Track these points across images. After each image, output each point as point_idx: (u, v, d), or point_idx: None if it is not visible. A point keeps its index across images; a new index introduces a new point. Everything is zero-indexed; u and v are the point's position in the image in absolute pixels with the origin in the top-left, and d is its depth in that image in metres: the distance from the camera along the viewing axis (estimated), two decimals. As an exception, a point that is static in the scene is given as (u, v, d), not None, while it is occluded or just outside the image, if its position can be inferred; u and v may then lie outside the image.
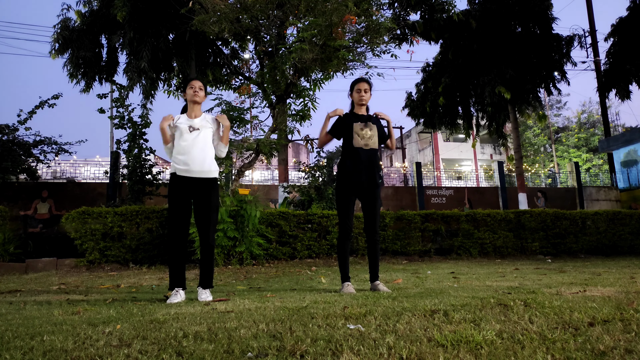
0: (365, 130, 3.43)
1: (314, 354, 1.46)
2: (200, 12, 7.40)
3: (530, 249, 8.24)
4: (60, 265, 6.43)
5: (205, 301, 2.99)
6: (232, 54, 10.17)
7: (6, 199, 10.56)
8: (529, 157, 30.48)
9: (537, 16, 13.01)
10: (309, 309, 2.29)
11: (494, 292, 2.85)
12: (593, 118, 31.58)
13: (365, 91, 3.51)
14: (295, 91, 8.05)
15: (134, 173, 9.01)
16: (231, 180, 7.69)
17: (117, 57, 10.64)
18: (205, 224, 3.23)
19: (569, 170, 17.91)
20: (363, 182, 3.39)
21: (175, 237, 3.17)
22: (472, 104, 14.73)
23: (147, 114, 9.42)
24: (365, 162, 3.39)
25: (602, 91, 16.67)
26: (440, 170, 23.38)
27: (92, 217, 6.41)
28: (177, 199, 3.21)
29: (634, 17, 14.27)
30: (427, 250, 7.90)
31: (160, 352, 1.52)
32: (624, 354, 1.40)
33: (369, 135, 3.42)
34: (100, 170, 13.77)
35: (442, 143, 30.99)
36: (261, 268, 6.14)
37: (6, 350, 1.58)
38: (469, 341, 1.55)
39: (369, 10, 7.28)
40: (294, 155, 34.84)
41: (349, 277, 3.44)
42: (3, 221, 6.83)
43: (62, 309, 2.63)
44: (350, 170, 3.40)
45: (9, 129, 10.77)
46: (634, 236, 8.83)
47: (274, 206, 10.73)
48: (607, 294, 2.57)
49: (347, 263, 3.45)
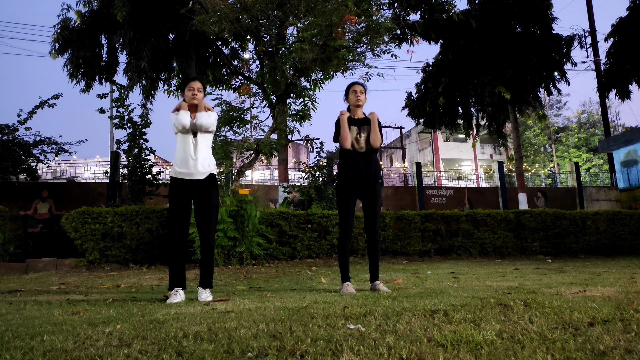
0: (360, 134, 3.47)
1: (314, 354, 1.46)
2: (200, 12, 7.40)
3: (530, 249, 8.24)
4: (60, 265, 6.43)
5: (205, 301, 2.99)
6: (232, 54, 10.17)
7: (6, 199, 10.56)
8: (529, 157, 30.49)
9: (537, 16, 13.01)
10: (309, 309, 2.29)
11: (494, 292, 2.85)
12: (593, 118, 31.59)
13: (360, 92, 3.54)
14: (295, 91, 8.05)
15: (134, 173, 9.01)
16: (231, 180, 7.69)
17: (117, 57, 10.64)
18: (206, 224, 3.23)
19: (569, 170, 17.91)
20: (363, 180, 3.41)
21: (176, 237, 3.18)
22: (472, 104, 14.73)
23: (147, 114, 9.42)
24: (364, 164, 3.43)
25: (602, 91, 16.68)
26: (440, 170, 23.39)
27: (92, 217, 6.41)
28: (178, 199, 3.21)
29: (634, 17, 14.27)
30: (427, 250, 7.90)
31: (160, 352, 1.52)
32: (624, 354, 1.40)
33: (362, 138, 3.46)
34: (100, 170, 13.77)
35: (442, 143, 30.98)
36: (261, 268, 6.14)
37: (6, 350, 1.58)
38: (469, 341, 1.55)
39: (369, 10, 7.28)
40: (294, 155, 34.84)
41: (349, 277, 3.45)
42: (3, 221, 6.83)
43: (62, 309, 2.63)
44: (350, 171, 3.43)
45: (9, 129, 10.78)
46: (634, 236, 8.83)
47: (274, 206, 10.73)
48: (607, 294, 2.57)
49: (348, 263, 3.46)
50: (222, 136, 7.44)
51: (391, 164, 34.02)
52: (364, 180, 3.42)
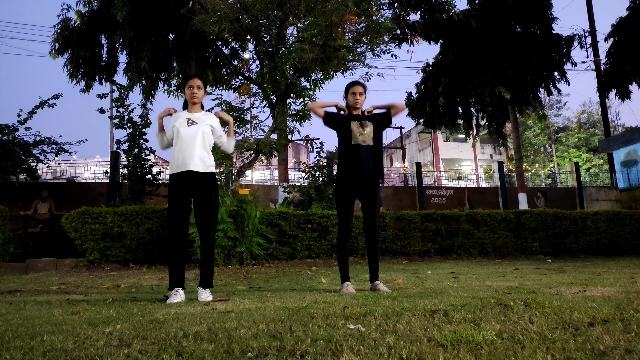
0: (362, 128, 3.45)
1: (314, 354, 1.46)
2: (200, 12, 7.40)
3: (530, 249, 8.24)
4: (60, 265, 6.44)
5: (205, 301, 2.98)
6: (232, 54, 10.17)
7: (6, 199, 10.55)
8: (529, 157, 30.48)
9: (537, 16, 13.00)
10: (309, 309, 2.29)
11: (494, 292, 2.85)
12: (593, 118, 31.59)
13: (360, 94, 3.52)
14: (295, 91, 8.06)
15: (134, 173, 9.01)
16: (231, 180, 7.69)
17: (117, 57, 10.64)
18: (205, 224, 3.21)
19: (569, 170, 17.90)
20: (363, 179, 3.39)
21: (175, 237, 3.16)
22: (472, 104, 14.72)
23: (147, 114, 9.43)
24: (365, 158, 3.40)
25: (602, 91, 16.67)
26: (440, 170, 23.38)
27: (92, 217, 6.41)
28: (177, 198, 3.19)
29: (634, 17, 14.27)
30: (427, 250, 7.90)
31: (160, 352, 1.52)
32: (624, 354, 1.40)
33: (366, 132, 3.45)
34: (100, 170, 13.77)
35: (442, 143, 30.97)
36: (261, 268, 6.14)
37: (6, 350, 1.58)
38: (469, 341, 1.55)
39: (369, 10, 7.29)
40: (294, 155, 34.82)
41: (349, 277, 3.44)
42: (3, 221, 6.83)
43: (62, 309, 2.63)
44: (350, 168, 3.40)
45: (9, 129, 10.77)
46: (634, 236, 8.83)
47: (274, 206, 10.73)
48: (607, 294, 2.57)
49: (347, 263, 3.45)
50: (222, 136, 7.44)
51: (391, 164, 34.01)
52: (364, 176, 3.39)
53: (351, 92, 3.54)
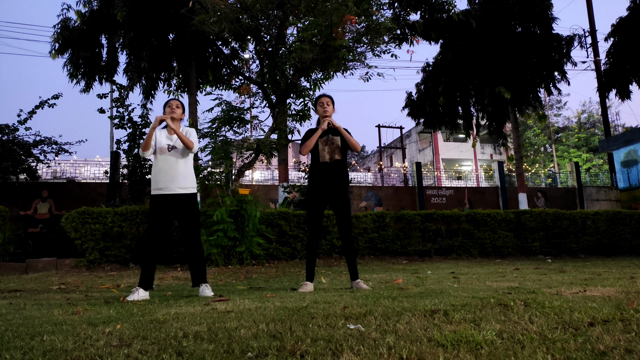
0: (328, 146, 3.65)
1: (314, 354, 1.46)
2: (200, 12, 7.40)
3: (530, 249, 8.24)
4: (60, 265, 6.44)
5: (208, 295, 3.22)
6: (232, 54, 10.17)
7: (6, 199, 10.55)
8: (529, 157, 30.47)
9: (537, 16, 13.00)
10: (309, 309, 2.29)
11: (494, 292, 2.84)
12: (593, 118, 31.57)
13: (327, 104, 3.72)
14: (295, 91, 8.06)
15: (134, 173, 9.01)
16: (231, 180, 7.69)
17: (117, 57, 10.64)
18: (191, 232, 3.46)
19: (569, 170, 17.89)
20: (331, 192, 3.59)
21: (153, 246, 3.36)
22: (472, 104, 14.73)
23: (147, 114, 9.43)
24: (332, 175, 3.61)
25: (602, 91, 16.67)
26: (440, 170, 23.38)
27: (92, 217, 6.41)
28: (158, 217, 3.38)
29: (634, 17, 14.27)
30: (427, 250, 7.90)
31: (160, 352, 1.52)
32: (624, 354, 1.40)
33: (334, 146, 3.65)
34: (100, 170, 13.75)
35: (442, 143, 30.96)
36: (261, 268, 6.13)
37: (6, 350, 1.58)
38: (469, 341, 1.55)
39: (369, 10, 7.29)
40: (294, 155, 34.81)
41: (313, 278, 3.63)
42: (3, 221, 6.83)
43: (62, 309, 2.63)
44: (319, 184, 3.62)
45: (9, 129, 10.76)
46: (634, 236, 8.83)
47: (274, 206, 10.73)
48: (607, 294, 2.57)
49: (314, 264, 3.65)
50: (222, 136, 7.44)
51: (391, 164, 34.01)
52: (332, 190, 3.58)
53: (319, 103, 3.76)
